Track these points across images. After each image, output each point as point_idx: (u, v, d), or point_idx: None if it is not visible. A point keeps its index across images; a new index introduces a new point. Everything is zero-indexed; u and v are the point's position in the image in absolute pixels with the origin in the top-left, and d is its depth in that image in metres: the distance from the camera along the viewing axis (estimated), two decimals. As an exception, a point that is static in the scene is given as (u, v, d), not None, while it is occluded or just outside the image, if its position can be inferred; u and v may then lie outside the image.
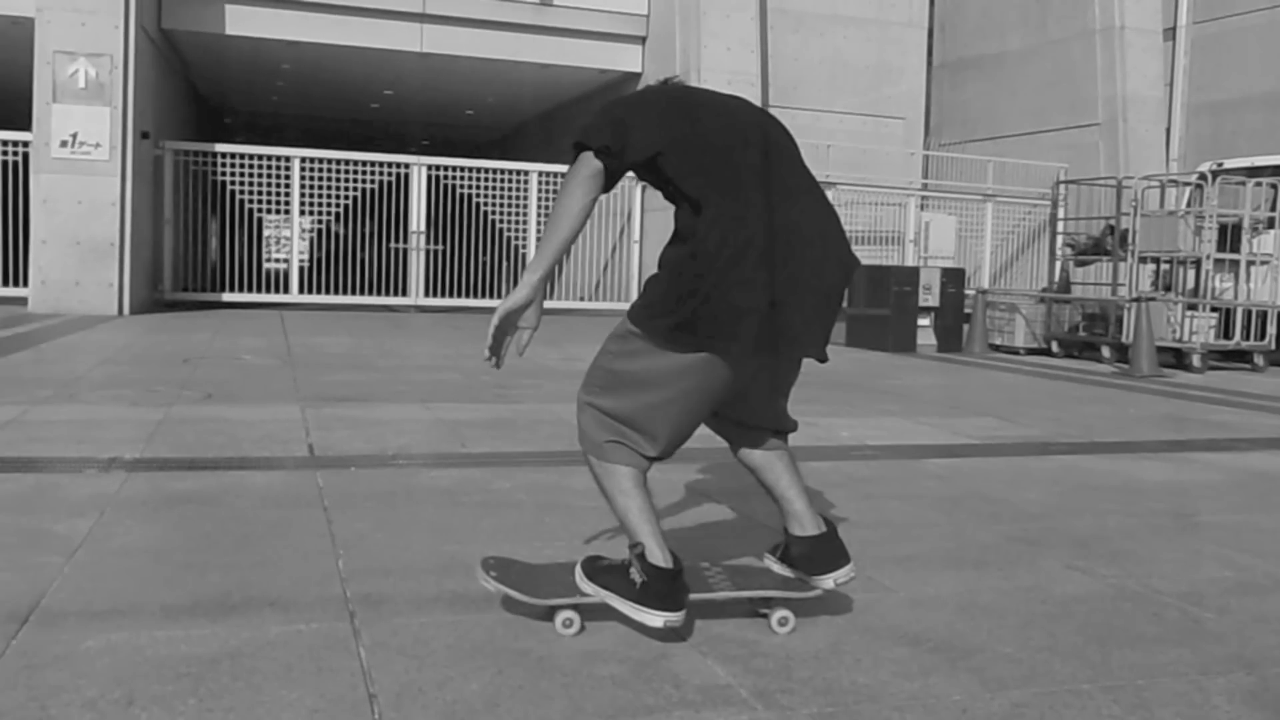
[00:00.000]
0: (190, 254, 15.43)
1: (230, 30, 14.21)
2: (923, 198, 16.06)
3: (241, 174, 14.49)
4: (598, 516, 3.46)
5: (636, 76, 15.49)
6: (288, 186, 14.60)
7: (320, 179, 14.68)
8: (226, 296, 14.83)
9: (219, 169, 14.50)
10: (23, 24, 12.67)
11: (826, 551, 2.53)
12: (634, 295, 16.97)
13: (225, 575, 2.69)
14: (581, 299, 16.28)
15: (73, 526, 3.11)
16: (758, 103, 14.18)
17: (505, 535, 3.19)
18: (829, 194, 15.32)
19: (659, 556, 2.34)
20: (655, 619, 2.33)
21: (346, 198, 14.74)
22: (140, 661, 2.12)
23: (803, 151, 2.50)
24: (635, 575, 2.34)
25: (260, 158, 14.49)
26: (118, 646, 2.20)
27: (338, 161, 14.71)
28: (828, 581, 2.52)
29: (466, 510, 3.49)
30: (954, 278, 11.90)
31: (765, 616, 2.49)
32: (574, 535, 3.21)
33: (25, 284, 12.89)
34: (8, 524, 3.14)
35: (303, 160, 14.59)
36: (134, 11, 12.54)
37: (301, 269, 15.06)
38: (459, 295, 15.61)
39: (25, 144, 12.99)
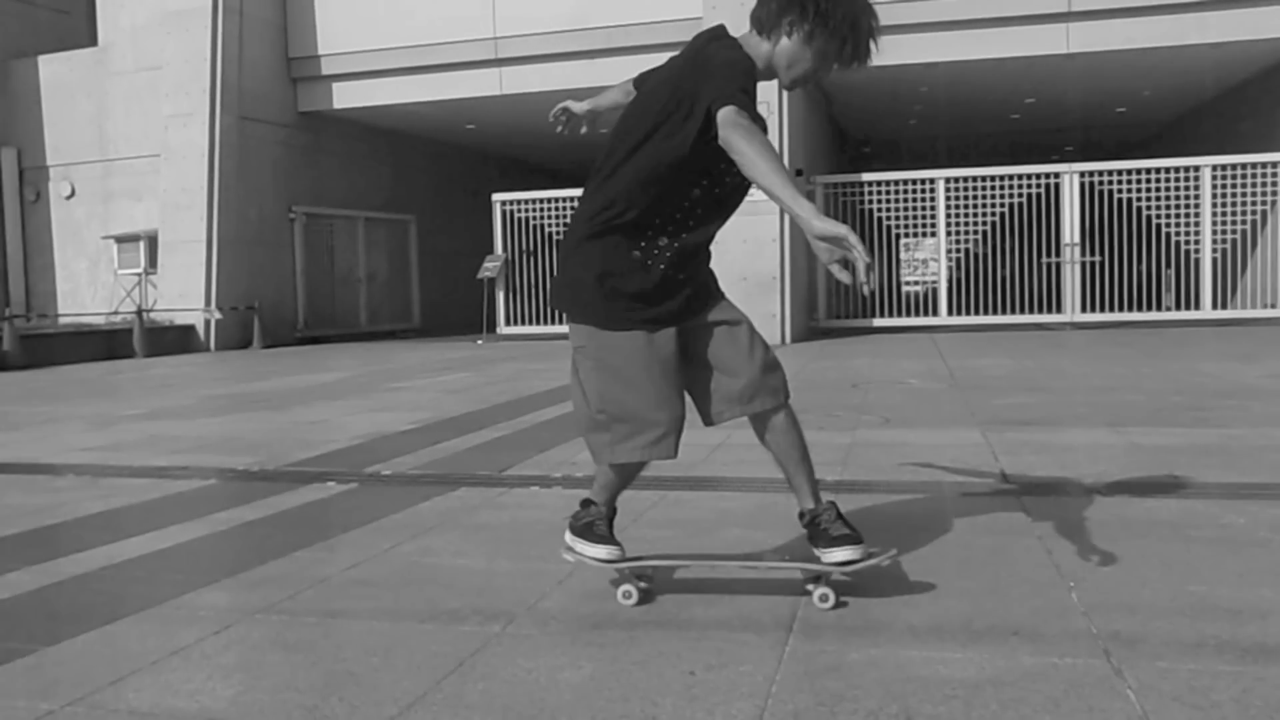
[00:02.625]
0: (839, 282, 16.29)
1: (874, 61, 14.75)
2: None
3: (887, 200, 14.96)
4: (1373, 561, 2.93)
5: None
6: (932, 208, 14.78)
7: (966, 197, 14.64)
8: (876, 321, 15.38)
9: (865, 197, 15.11)
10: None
11: (823, 527, 2.68)
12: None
13: (960, 600, 2.70)
14: (1270, 305, 14.34)
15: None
16: None
17: (1258, 578, 2.82)
18: None
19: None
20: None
21: (993, 214, 14.53)
22: (905, 679, 2.18)
23: None
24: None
25: (905, 182, 14.85)
26: (879, 661, 2.28)
27: (984, 178, 14.57)
28: (829, 556, 2.64)
29: (1200, 547, 3.16)
30: None
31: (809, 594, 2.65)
32: (1349, 582, 2.74)
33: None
34: (743, 538, 3.46)
35: (947, 180, 14.68)
36: (789, 57, 13.58)
37: (948, 290, 15.11)
38: (1119, 309, 14.61)
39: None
